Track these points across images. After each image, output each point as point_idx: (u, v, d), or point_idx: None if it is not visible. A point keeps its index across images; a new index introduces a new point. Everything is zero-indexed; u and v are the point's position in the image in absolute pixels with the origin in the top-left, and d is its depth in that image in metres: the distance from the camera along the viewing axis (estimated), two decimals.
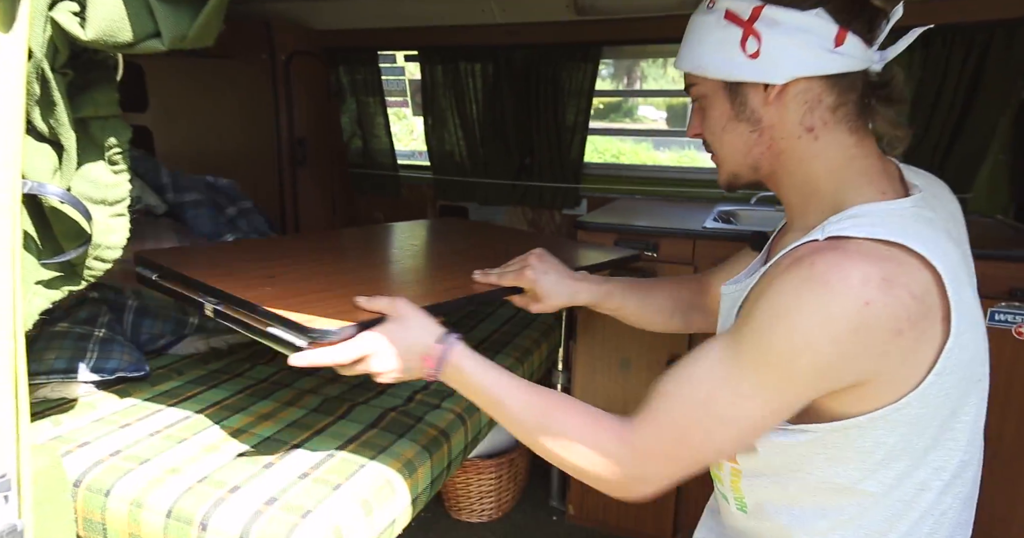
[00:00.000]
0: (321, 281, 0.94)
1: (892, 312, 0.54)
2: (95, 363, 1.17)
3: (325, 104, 2.44)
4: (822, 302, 0.55)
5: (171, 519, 0.85)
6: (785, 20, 0.64)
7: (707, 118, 0.72)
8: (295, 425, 1.07)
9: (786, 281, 0.58)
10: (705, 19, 0.69)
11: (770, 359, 0.58)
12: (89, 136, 0.78)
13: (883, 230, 0.58)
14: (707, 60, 0.69)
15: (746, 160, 0.71)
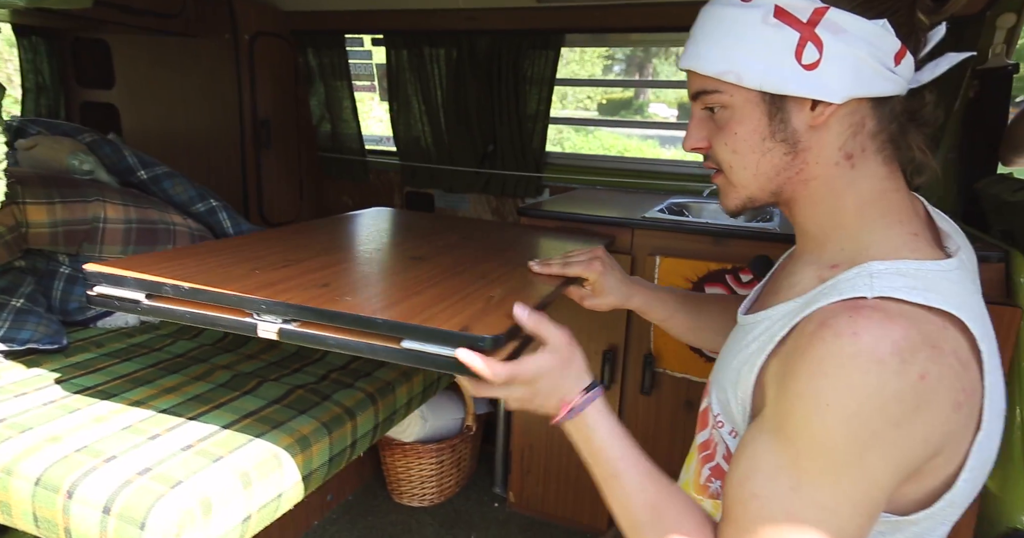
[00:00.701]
0: (386, 286, 0.83)
1: (948, 383, 0.48)
2: (5, 333, 1.16)
3: (291, 86, 2.42)
4: (876, 382, 0.47)
5: (39, 487, 0.84)
6: (851, 28, 0.55)
7: (727, 132, 0.61)
8: (197, 399, 1.06)
9: (825, 358, 0.49)
10: (741, 13, 0.58)
11: (835, 458, 0.49)
12: None
13: (935, 296, 0.51)
14: (746, 65, 0.57)
15: (769, 185, 0.62)
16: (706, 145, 0.64)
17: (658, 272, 1.47)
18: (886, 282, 0.52)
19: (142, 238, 1.35)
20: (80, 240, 1.29)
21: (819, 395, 0.49)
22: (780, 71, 0.56)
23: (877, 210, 0.59)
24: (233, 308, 0.72)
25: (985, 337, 0.53)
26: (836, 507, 0.49)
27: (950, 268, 0.55)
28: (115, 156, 1.52)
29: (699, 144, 0.64)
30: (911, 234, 0.57)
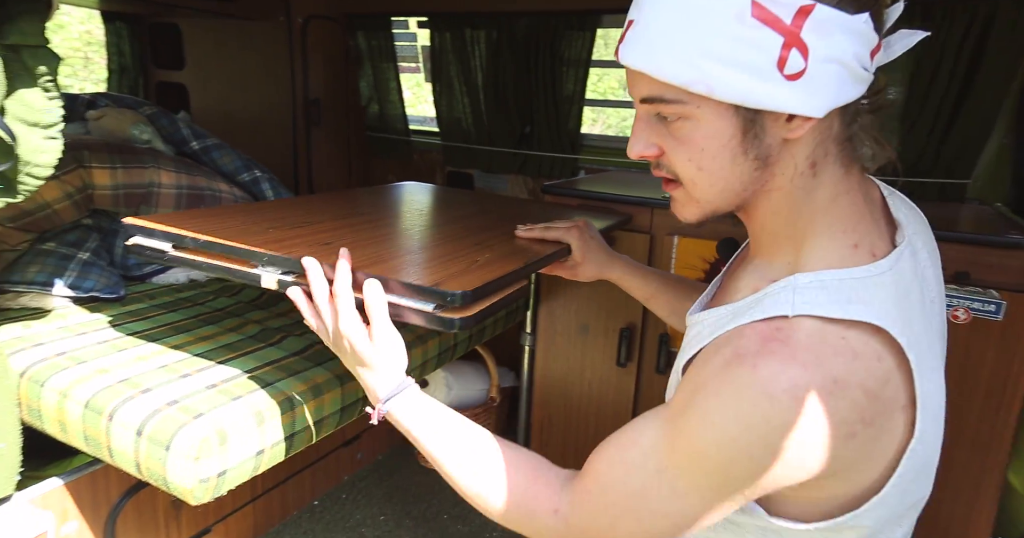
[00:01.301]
0: (381, 247, 0.89)
1: (843, 416, 0.47)
2: (73, 281, 1.31)
3: (342, 68, 2.53)
4: (763, 415, 0.47)
5: (87, 409, 0.96)
6: (838, 28, 0.47)
7: (690, 147, 0.53)
8: (226, 347, 1.17)
9: (726, 381, 0.50)
10: (707, 6, 0.48)
11: (705, 464, 0.51)
12: (22, 63, 0.87)
13: (858, 307, 0.49)
14: (716, 73, 0.48)
15: (736, 200, 0.56)
16: (657, 153, 0.56)
17: (676, 252, 1.48)
18: (808, 297, 0.51)
19: (191, 202, 1.48)
20: (137, 202, 1.43)
21: (709, 413, 0.50)
22: (761, 82, 0.48)
23: (827, 219, 0.55)
24: (241, 260, 0.80)
25: (916, 344, 0.50)
26: (686, 495, 0.53)
27: (881, 271, 0.52)
28: (171, 127, 1.66)
29: (648, 152, 0.56)
30: (851, 246, 0.54)
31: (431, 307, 0.71)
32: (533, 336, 1.80)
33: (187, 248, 0.84)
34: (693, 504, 0.53)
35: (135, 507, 1.26)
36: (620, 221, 1.44)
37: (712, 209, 0.58)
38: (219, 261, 0.82)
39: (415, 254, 0.87)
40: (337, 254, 0.81)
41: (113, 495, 1.21)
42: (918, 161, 1.64)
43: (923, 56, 1.55)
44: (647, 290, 0.97)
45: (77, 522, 1.16)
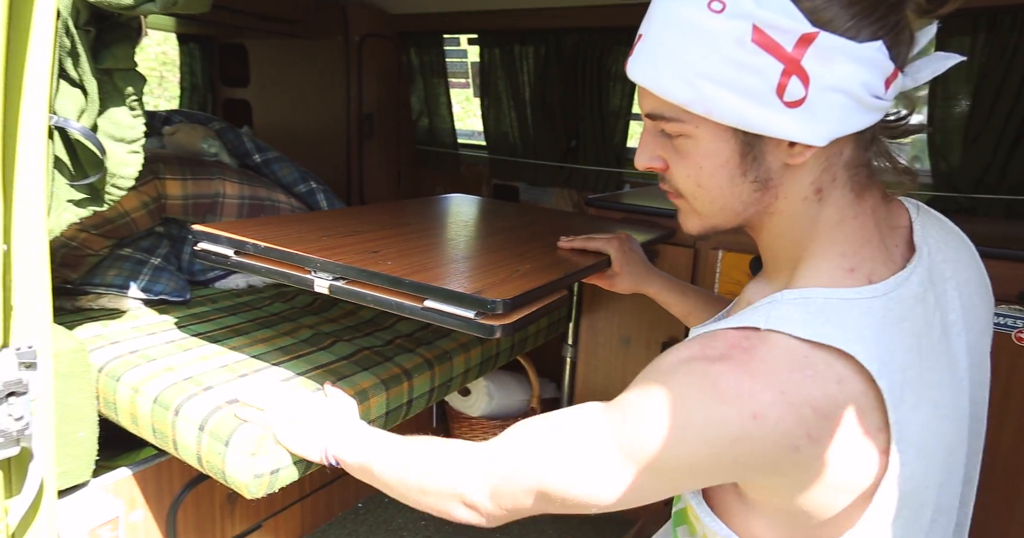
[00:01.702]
0: (426, 256, 0.93)
1: (786, 428, 0.47)
2: (145, 284, 1.41)
3: (395, 83, 2.63)
4: (708, 403, 0.48)
5: (156, 404, 1.04)
6: (842, 57, 0.46)
7: (690, 164, 0.54)
8: (281, 350, 1.23)
9: (680, 369, 0.51)
10: (711, 27, 0.47)
11: (638, 441, 0.51)
12: (113, 84, 0.96)
13: (832, 330, 0.49)
14: (717, 96, 0.48)
15: (736, 218, 0.57)
16: (662, 166, 0.57)
17: (720, 266, 1.47)
18: (784, 312, 0.50)
19: (251, 212, 1.57)
20: (204, 212, 1.53)
21: (658, 394, 0.50)
22: (759, 108, 0.48)
23: (826, 243, 0.55)
24: (296, 265, 0.85)
25: (896, 372, 0.49)
26: (611, 462, 0.52)
27: (874, 294, 0.51)
28: (236, 141, 1.77)
29: (654, 164, 0.57)
30: (847, 269, 0.53)
31: (472, 314, 0.74)
32: (575, 347, 1.81)
33: (248, 253, 0.90)
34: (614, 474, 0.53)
35: (194, 500, 1.33)
36: (663, 235, 1.45)
37: (712, 224, 0.58)
38: (276, 266, 0.88)
39: (458, 263, 0.90)
40: (383, 259, 0.85)
41: (175, 487, 1.29)
42: (983, 176, 1.58)
43: (988, 68, 1.49)
44: (686, 306, 0.97)
45: (143, 510, 1.24)
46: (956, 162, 1.61)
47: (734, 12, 0.46)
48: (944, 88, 1.57)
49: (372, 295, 0.80)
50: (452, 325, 0.76)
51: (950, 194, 1.63)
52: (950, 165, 1.62)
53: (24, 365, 0.91)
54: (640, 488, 0.52)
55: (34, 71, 0.86)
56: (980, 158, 1.56)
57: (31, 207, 0.90)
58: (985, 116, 1.53)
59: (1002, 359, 1.15)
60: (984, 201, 1.58)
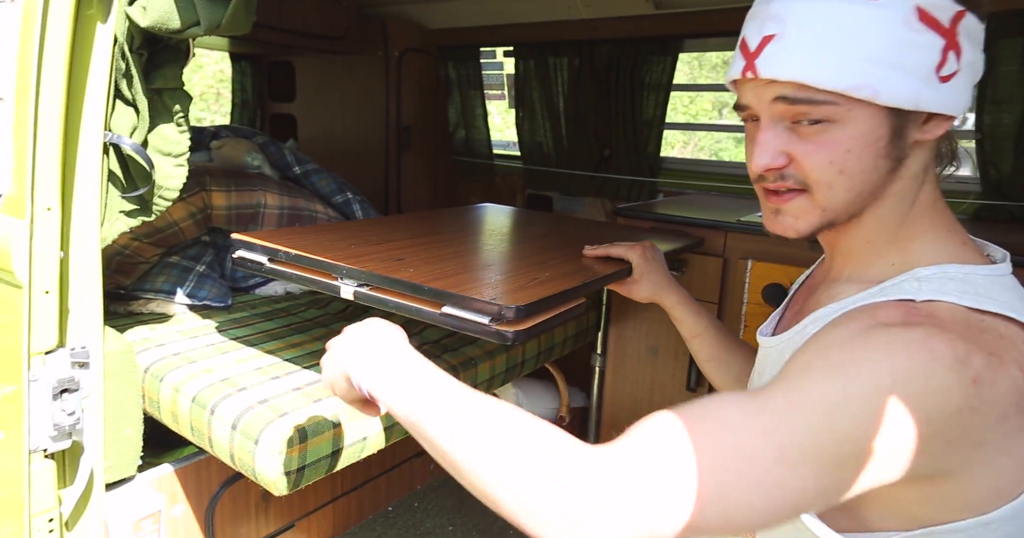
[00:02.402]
0: (449, 264, 0.95)
1: (1001, 393, 0.43)
2: (190, 290, 1.49)
3: (433, 96, 2.70)
4: (925, 369, 0.42)
5: (194, 403, 1.10)
6: (977, 34, 0.51)
7: (834, 150, 0.52)
8: (312, 354, 1.28)
9: (871, 340, 0.44)
10: (875, 14, 0.48)
11: (837, 424, 0.41)
12: (162, 102, 1.03)
13: (989, 301, 0.47)
14: (886, 79, 0.48)
15: (857, 205, 0.55)
16: (785, 162, 0.54)
17: (749, 276, 1.44)
18: (935, 286, 0.49)
19: (290, 221, 1.64)
20: (247, 221, 1.61)
21: (847, 363, 0.43)
22: (923, 84, 0.49)
23: (928, 221, 0.56)
24: (324, 272, 0.90)
25: None
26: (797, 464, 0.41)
27: (1001, 272, 0.52)
28: (278, 154, 1.85)
29: (777, 162, 0.54)
30: (960, 243, 0.54)
31: (487, 320, 0.76)
32: (603, 357, 1.81)
33: (280, 261, 0.95)
34: (801, 477, 0.41)
35: (231, 497, 1.39)
36: (690, 244, 1.44)
37: (832, 217, 0.55)
38: (306, 273, 0.92)
39: (479, 271, 0.92)
40: (406, 267, 0.88)
41: (214, 484, 1.35)
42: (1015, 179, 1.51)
43: None
44: (697, 327, 0.94)
45: (183, 506, 1.30)
46: (1007, 169, 1.54)
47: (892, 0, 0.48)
48: (994, 93, 1.51)
49: (394, 301, 0.83)
50: (468, 331, 0.78)
51: (1000, 202, 1.56)
52: (1000, 173, 1.56)
53: (77, 364, 0.98)
54: (832, 487, 0.42)
55: (93, 93, 0.94)
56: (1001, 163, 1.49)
57: (86, 217, 0.97)
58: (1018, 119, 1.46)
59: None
60: (1002, 208, 1.51)
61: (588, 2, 2.06)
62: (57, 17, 0.85)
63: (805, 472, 0.41)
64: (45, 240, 0.90)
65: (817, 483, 0.42)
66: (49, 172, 0.88)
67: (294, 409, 1.04)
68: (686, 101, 6.58)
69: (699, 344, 0.94)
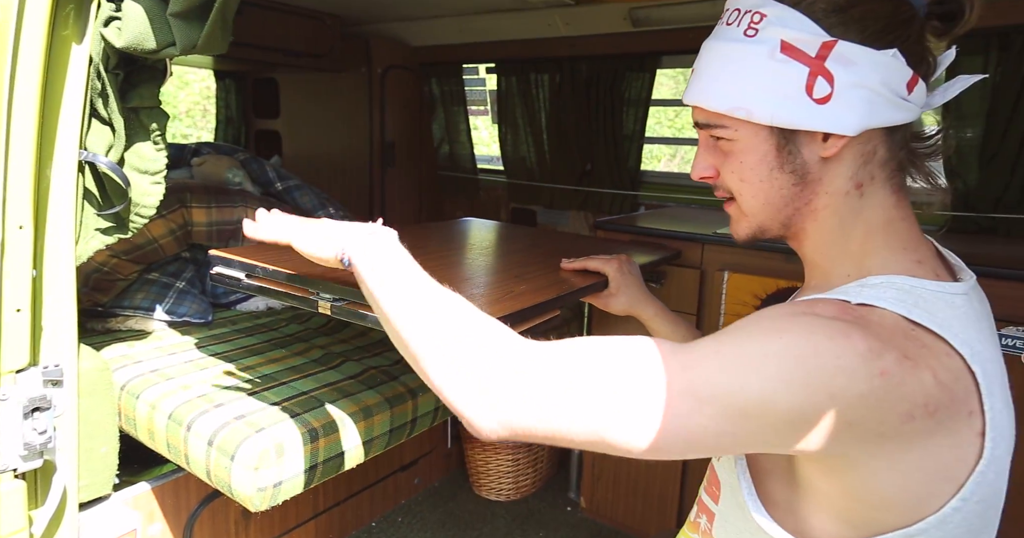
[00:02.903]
0: None
1: (908, 391, 0.46)
2: (169, 307, 1.49)
3: (416, 112, 2.72)
4: (837, 350, 0.46)
5: (170, 420, 1.09)
6: (860, 59, 0.54)
7: (734, 162, 0.61)
8: (292, 369, 1.28)
9: (801, 319, 0.49)
10: (746, 49, 0.57)
11: (750, 378, 0.46)
12: (139, 121, 1.04)
13: (924, 314, 0.50)
14: (753, 100, 0.57)
15: (779, 214, 0.61)
16: (714, 174, 0.63)
17: (726, 287, 1.47)
18: (876, 292, 0.52)
19: None
20: (227, 238, 1.61)
21: (774, 330, 0.48)
22: (791, 106, 0.55)
23: (882, 238, 0.58)
24: (301, 287, 0.90)
25: (983, 363, 0.50)
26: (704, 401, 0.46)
27: (954, 291, 0.54)
28: (259, 170, 1.86)
29: (706, 173, 0.64)
30: (914, 261, 0.57)
31: None
32: None
33: (258, 277, 0.96)
34: (703, 417, 0.47)
35: (210, 515, 1.38)
36: (668, 256, 1.46)
37: (758, 224, 0.62)
38: (283, 288, 0.93)
39: (457, 284, 0.93)
40: None
41: (192, 502, 1.34)
42: (1002, 195, 1.55)
43: (1002, 87, 1.47)
44: (675, 337, 0.96)
45: (161, 524, 1.29)
46: (973, 182, 1.58)
47: (764, 35, 0.56)
48: (957, 108, 1.55)
49: (372, 316, 0.84)
50: None
51: (968, 214, 1.60)
52: (967, 185, 1.60)
53: (50, 382, 0.98)
54: (729, 435, 0.47)
55: (67, 112, 0.94)
56: (997, 178, 1.53)
57: (61, 235, 0.97)
58: (1000, 135, 1.51)
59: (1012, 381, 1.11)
60: (1004, 221, 1.55)
61: (568, 20, 2.11)
62: (30, 38, 0.86)
63: (708, 411, 0.47)
64: (17, 258, 0.90)
65: (718, 426, 0.47)
66: (21, 191, 0.89)
67: (271, 424, 1.04)
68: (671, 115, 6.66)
69: None
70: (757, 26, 0.56)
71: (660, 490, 1.69)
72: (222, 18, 0.94)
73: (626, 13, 1.95)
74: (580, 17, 2.07)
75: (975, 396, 0.49)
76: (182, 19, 0.94)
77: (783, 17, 0.55)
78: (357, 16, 2.42)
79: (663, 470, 1.67)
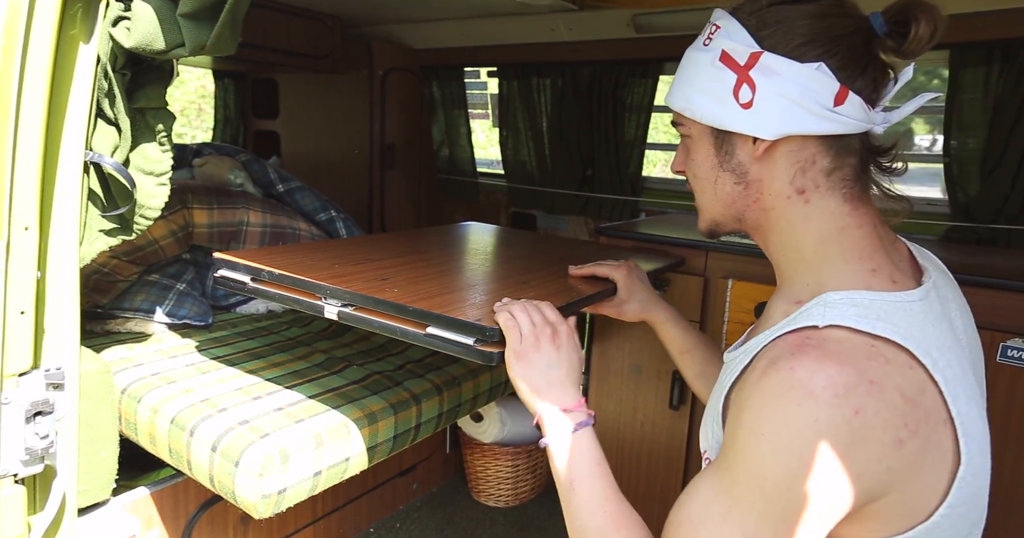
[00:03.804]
0: (433, 284, 0.95)
1: (887, 419, 0.49)
2: (170, 309, 1.48)
3: (417, 115, 2.72)
4: (809, 414, 0.49)
5: (173, 425, 1.08)
6: (783, 71, 0.58)
7: (690, 160, 0.68)
8: (295, 373, 1.27)
9: (766, 391, 0.52)
10: (699, 56, 0.64)
11: (765, 487, 0.51)
12: (145, 122, 1.03)
13: (885, 326, 0.53)
14: (696, 101, 0.63)
15: (728, 210, 0.66)
16: (683, 168, 0.71)
17: (730, 295, 1.47)
18: (838, 311, 0.55)
19: (273, 239, 1.63)
20: (229, 239, 1.60)
21: (756, 425, 0.51)
22: (722, 108, 0.61)
23: (836, 246, 0.60)
24: (307, 292, 0.89)
25: (945, 368, 0.52)
26: (758, 532, 0.51)
27: (910, 299, 0.56)
28: (261, 172, 1.85)
29: (679, 168, 0.72)
30: (869, 270, 0.59)
31: (472, 341, 0.76)
32: (587, 375, 1.82)
33: (263, 280, 0.95)
34: (762, 535, 0.51)
35: (209, 520, 1.36)
36: (672, 263, 1.46)
37: (711, 217, 0.69)
38: (289, 292, 0.92)
39: (463, 291, 0.93)
40: (390, 287, 0.89)
41: (191, 507, 1.32)
42: (1003, 207, 1.56)
43: (1004, 98, 1.49)
44: (686, 343, 0.98)
45: (159, 530, 1.27)
46: (974, 193, 1.60)
47: (713, 45, 0.63)
48: (959, 119, 1.57)
49: (378, 321, 0.83)
50: (453, 351, 0.78)
51: (968, 224, 1.61)
52: (968, 195, 1.61)
53: (52, 386, 0.96)
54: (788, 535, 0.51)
55: (74, 112, 0.93)
56: (998, 189, 1.54)
57: (65, 237, 0.96)
58: (1002, 146, 1.52)
59: (1017, 394, 1.12)
60: (1004, 232, 1.56)
61: (571, 25, 2.11)
62: (39, 37, 0.85)
63: (764, 532, 0.51)
64: (22, 260, 0.88)
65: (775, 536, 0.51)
66: (28, 191, 0.87)
67: (275, 430, 1.03)
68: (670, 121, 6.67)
69: (689, 360, 0.97)
70: (712, 37, 0.63)
71: (660, 498, 1.69)
72: (232, 19, 0.93)
73: (629, 19, 1.96)
74: (583, 22, 2.07)
75: (942, 404, 0.52)
76: (192, 20, 0.93)
77: (728, 29, 0.62)
78: (359, 18, 2.41)
79: (663, 479, 1.67)
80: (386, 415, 1.17)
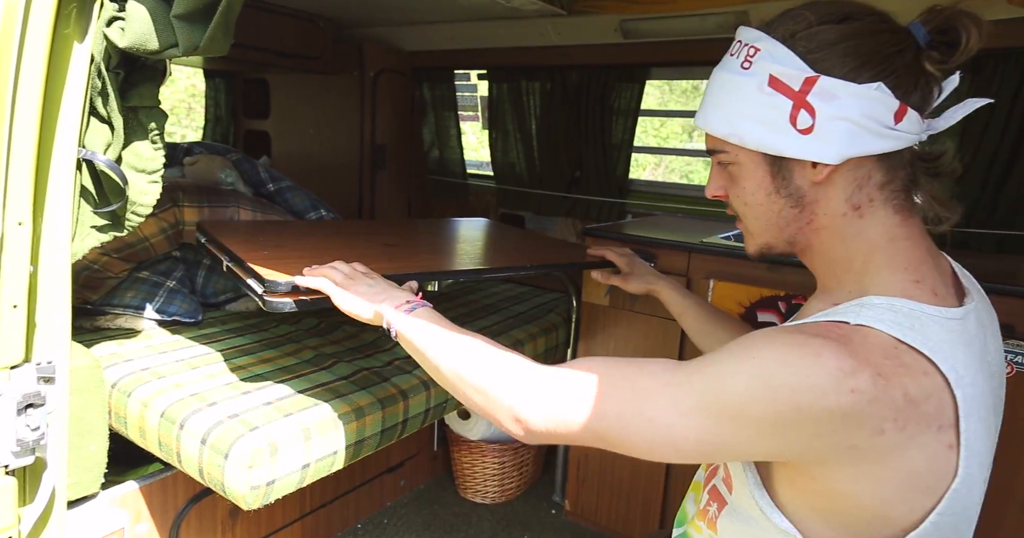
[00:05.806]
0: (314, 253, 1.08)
1: (879, 408, 0.50)
2: (160, 306, 1.49)
3: (408, 116, 2.74)
4: (807, 368, 0.50)
5: (163, 418, 1.10)
6: (841, 94, 0.57)
7: (737, 187, 0.66)
8: (284, 369, 1.29)
9: (779, 337, 0.54)
10: (741, 81, 0.62)
11: (724, 392, 0.53)
12: (138, 120, 1.05)
13: (917, 336, 0.53)
14: (746, 129, 0.62)
15: (783, 234, 0.66)
16: (724, 194, 0.69)
17: (712, 295, 1.50)
18: (874, 313, 0.55)
19: None
20: None
21: (753, 349, 0.54)
22: (778, 135, 0.60)
23: (884, 257, 0.61)
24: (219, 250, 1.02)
25: (967, 387, 0.53)
26: (685, 414, 0.54)
27: (950, 317, 0.57)
28: (252, 171, 1.86)
29: (717, 192, 0.70)
30: (913, 281, 0.59)
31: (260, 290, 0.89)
32: None
33: None
34: (685, 427, 0.54)
35: (197, 514, 1.38)
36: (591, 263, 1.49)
37: (764, 242, 0.68)
38: None
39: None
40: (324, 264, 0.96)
41: (180, 501, 1.34)
42: (973, 211, 1.61)
43: None
44: (683, 305, 1.07)
45: (148, 524, 1.29)
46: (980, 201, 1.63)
47: (756, 68, 0.61)
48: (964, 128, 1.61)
49: None
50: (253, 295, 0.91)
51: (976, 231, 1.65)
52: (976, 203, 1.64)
53: (43, 379, 0.98)
54: (708, 443, 0.54)
55: (67, 110, 0.95)
56: (968, 193, 1.59)
57: (57, 232, 0.98)
58: (972, 152, 1.57)
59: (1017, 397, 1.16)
60: (976, 235, 1.61)
61: (560, 29, 2.14)
62: (35, 35, 0.87)
63: (691, 423, 0.55)
64: (15, 254, 0.90)
65: (698, 435, 0.55)
66: (22, 187, 0.89)
67: (264, 423, 1.05)
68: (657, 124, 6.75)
69: (688, 319, 1.06)
70: (752, 59, 0.61)
71: (644, 494, 1.72)
72: (225, 21, 0.95)
73: (617, 24, 2.00)
74: (572, 27, 2.11)
75: (950, 415, 0.53)
76: (186, 21, 0.95)
77: (773, 52, 0.60)
78: (351, 19, 2.44)
79: (647, 474, 1.70)
80: (374, 410, 1.19)
